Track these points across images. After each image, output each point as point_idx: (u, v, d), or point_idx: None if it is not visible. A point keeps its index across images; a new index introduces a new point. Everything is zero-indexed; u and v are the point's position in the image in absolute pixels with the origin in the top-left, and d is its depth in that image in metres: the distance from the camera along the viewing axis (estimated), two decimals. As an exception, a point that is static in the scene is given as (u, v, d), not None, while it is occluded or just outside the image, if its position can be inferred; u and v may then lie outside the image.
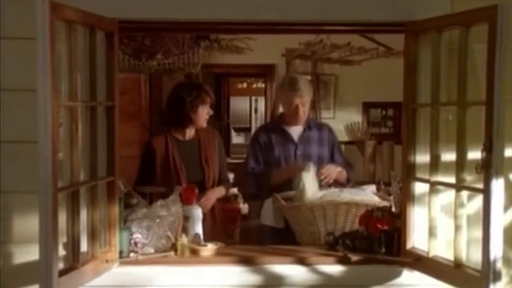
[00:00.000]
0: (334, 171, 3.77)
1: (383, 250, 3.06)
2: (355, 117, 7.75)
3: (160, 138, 3.89)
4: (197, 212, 3.35)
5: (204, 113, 3.85)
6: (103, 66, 2.90)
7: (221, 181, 3.96)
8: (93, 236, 2.81)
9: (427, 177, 2.88)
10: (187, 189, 3.41)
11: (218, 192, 3.92)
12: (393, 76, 6.99)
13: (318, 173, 3.64)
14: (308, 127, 3.95)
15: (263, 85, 9.73)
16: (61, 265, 2.58)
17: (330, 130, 4.06)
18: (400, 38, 3.05)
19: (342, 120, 7.50)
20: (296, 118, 3.89)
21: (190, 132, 3.91)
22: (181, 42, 4.71)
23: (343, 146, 4.78)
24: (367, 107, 7.81)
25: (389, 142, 7.47)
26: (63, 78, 2.59)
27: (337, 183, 3.79)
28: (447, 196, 2.83)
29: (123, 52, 4.52)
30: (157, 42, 4.63)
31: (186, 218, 3.26)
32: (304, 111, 3.89)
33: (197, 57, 4.84)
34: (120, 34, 3.09)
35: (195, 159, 3.86)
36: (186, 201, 3.34)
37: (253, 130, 11.15)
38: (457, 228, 2.71)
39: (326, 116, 7.48)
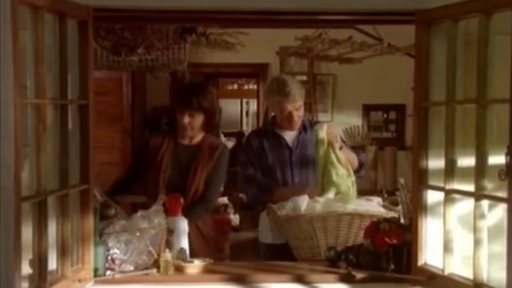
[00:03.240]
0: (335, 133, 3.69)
1: (392, 266, 2.97)
2: (355, 120, 7.70)
3: (158, 137, 3.88)
4: (183, 225, 3.25)
5: (185, 120, 3.72)
6: (76, 60, 2.80)
7: (200, 199, 3.76)
8: (63, 252, 2.70)
9: (441, 184, 2.78)
10: (171, 199, 3.31)
11: None
12: (396, 76, 7.08)
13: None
14: (303, 129, 3.86)
15: (255, 87, 9.68)
16: (25, 286, 2.46)
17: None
18: (403, 33, 2.95)
19: (341, 124, 7.40)
20: (290, 124, 3.80)
21: (194, 138, 3.81)
22: (165, 35, 4.60)
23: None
24: (367, 109, 7.76)
25: (392, 148, 7.46)
26: (28, 73, 2.47)
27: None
28: (465, 206, 2.72)
29: (100, 46, 4.41)
30: (138, 35, 4.52)
31: (170, 231, 3.17)
32: (298, 116, 3.79)
33: (183, 53, 4.73)
34: (96, 24, 3.01)
35: (186, 166, 3.75)
36: (170, 211, 3.24)
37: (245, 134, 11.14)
38: (477, 242, 2.59)
39: (323, 120, 7.41)
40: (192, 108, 3.70)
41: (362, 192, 4.10)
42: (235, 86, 12.16)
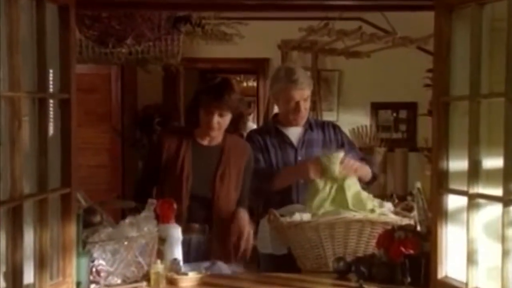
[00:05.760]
0: (354, 164, 3.57)
1: (408, 279, 2.91)
2: (362, 120, 7.72)
3: (173, 137, 3.69)
4: (176, 233, 3.19)
5: (214, 120, 3.57)
6: (56, 49, 2.70)
7: (241, 203, 3.69)
8: (41, 264, 2.60)
9: (464, 188, 2.67)
10: (163, 204, 3.23)
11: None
12: (407, 72, 7.06)
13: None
14: (309, 127, 3.87)
15: (254, 84, 9.65)
16: (-2, 302, 2.37)
17: (335, 128, 3.96)
18: (412, 26, 2.88)
19: (347, 124, 7.40)
20: (297, 116, 3.77)
21: (215, 137, 3.67)
22: (156, 25, 4.51)
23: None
24: (376, 108, 7.77)
25: (402, 149, 7.48)
26: (1, 63, 2.36)
27: (361, 182, 3.60)
28: (491, 212, 2.61)
29: (85, 36, 4.32)
30: (127, 24, 4.43)
31: (162, 240, 3.11)
32: (305, 109, 3.78)
33: (177, 44, 4.65)
34: (80, 12, 2.98)
35: (210, 171, 3.63)
36: (162, 218, 3.17)
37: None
38: (505, 252, 2.48)
39: (328, 119, 7.42)
40: (223, 106, 3.55)
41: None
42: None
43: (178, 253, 3.15)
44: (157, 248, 3.08)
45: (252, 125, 9.84)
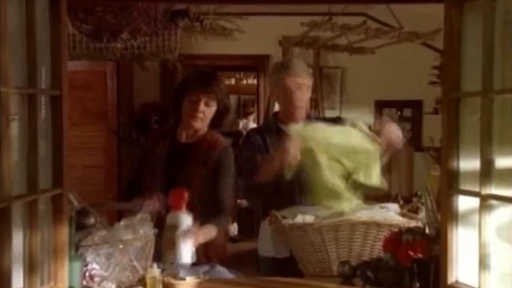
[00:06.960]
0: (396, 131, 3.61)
1: (417, 285, 2.87)
2: (366, 118, 7.62)
3: (157, 135, 3.83)
4: (188, 220, 3.12)
5: (200, 107, 3.52)
6: (47, 44, 2.65)
7: (214, 213, 3.51)
8: (31, 268, 2.54)
9: (475, 189, 2.61)
10: (176, 193, 3.19)
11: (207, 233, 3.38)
12: (412, 69, 7.03)
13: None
14: None
15: (255, 82, 9.65)
16: (-15, 309, 2.31)
17: (337, 122, 3.85)
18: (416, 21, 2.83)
19: (350, 122, 7.39)
20: (292, 107, 3.67)
21: (195, 134, 3.62)
22: (152, 18, 4.47)
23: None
24: (380, 106, 7.78)
25: (408, 149, 7.34)
26: None
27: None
28: (505, 214, 2.55)
29: (79, 30, 4.28)
30: (122, 17, 4.39)
31: (173, 227, 3.08)
32: (301, 99, 3.68)
33: (174, 39, 4.61)
34: (73, 5, 2.89)
35: (180, 170, 3.58)
36: (174, 206, 3.14)
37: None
38: (519, 257, 2.44)
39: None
40: (211, 93, 3.52)
41: (374, 198, 4.03)
42: (233, 81, 12.19)
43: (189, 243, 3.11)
44: (169, 237, 3.05)
45: (252, 124, 9.85)
